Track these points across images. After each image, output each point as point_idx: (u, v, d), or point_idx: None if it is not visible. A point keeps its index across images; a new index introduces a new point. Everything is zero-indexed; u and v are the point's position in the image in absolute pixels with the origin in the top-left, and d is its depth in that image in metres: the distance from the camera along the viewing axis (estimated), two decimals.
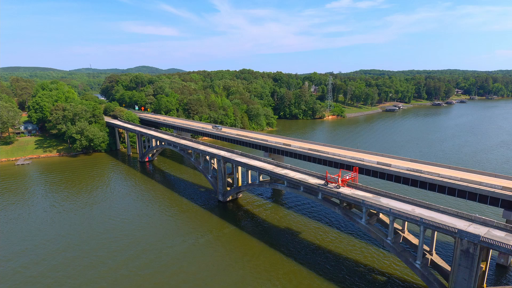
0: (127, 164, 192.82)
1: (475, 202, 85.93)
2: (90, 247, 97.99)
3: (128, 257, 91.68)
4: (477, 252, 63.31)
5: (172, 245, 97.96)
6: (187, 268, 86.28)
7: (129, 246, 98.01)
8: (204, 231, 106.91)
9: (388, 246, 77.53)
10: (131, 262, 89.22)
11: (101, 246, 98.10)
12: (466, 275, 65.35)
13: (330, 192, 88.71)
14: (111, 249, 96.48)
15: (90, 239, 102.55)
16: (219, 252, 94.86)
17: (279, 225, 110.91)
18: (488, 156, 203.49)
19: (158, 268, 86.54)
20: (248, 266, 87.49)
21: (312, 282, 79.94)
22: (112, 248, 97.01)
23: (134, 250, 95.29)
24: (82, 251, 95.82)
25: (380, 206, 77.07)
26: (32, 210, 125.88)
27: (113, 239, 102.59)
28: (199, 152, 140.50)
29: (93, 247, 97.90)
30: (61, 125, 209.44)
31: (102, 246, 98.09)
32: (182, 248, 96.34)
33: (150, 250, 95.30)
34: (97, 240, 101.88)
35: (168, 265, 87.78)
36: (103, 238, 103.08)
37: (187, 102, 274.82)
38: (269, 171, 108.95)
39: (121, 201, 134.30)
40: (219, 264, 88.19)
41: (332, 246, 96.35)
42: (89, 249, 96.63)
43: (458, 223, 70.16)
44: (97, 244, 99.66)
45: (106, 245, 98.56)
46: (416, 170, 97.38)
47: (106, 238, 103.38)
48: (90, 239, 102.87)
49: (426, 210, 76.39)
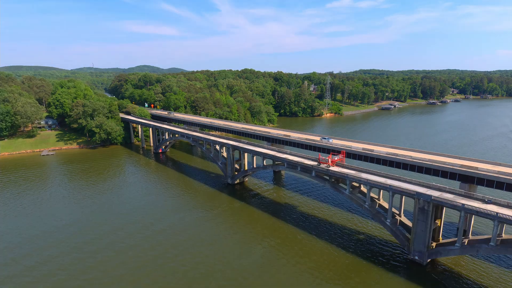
0: (142, 155, 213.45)
1: (438, 177, 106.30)
2: (115, 219, 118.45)
3: (148, 224, 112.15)
4: (430, 208, 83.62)
5: (188, 215, 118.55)
6: (201, 232, 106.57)
7: (149, 216, 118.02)
8: (216, 205, 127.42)
9: (366, 210, 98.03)
10: (152, 227, 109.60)
11: (125, 217, 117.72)
12: (423, 228, 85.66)
13: (322, 170, 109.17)
14: (134, 219, 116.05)
15: (115, 214, 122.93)
16: (229, 219, 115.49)
17: (280, 201, 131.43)
18: (472, 148, 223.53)
19: (177, 231, 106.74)
20: (254, 228, 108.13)
21: (304, 238, 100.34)
22: (134, 218, 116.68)
23: (154, 219, 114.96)
24: (108, 221, 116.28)
25: (359, 179, 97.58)
26: (59, 194, 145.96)
27: (135, 213, 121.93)
28: (210, 142, 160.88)
29: (117, 217, 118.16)
30: (81, 119, 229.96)
31: (125, 217, 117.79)
32: (198, 217, 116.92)
33: (169, 218, 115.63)
34: (120, 215, 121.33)
35: (185, 229, 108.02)
36: (126, 212, 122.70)
37: (194, 100, 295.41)
38: (272, 155, 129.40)
39: (140, 185, 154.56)
40: (230, 228, 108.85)
41: (323, 215, 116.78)
42: (115, 222, 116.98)
43: (419, 189, 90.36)
44: (121, 216, 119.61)
45: (129, 217, 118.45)
46: (393, 154, 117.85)
47: (127, 212, 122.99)
48: (115, 214, 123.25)
49: (396, 181, 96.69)
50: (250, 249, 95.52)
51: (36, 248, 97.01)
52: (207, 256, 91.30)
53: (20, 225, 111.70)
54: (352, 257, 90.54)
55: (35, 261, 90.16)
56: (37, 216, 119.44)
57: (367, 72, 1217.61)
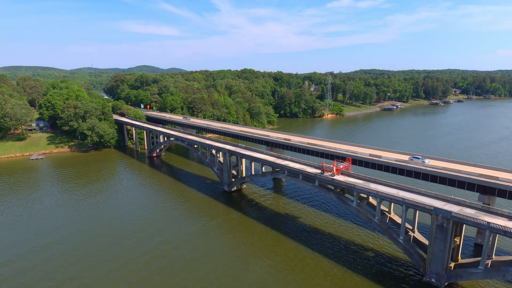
0: (136, 159, 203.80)
1: (454, 187, 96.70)
2: (104, 232, 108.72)
3: (140, 239, 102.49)
4: (450, 226, 74.04)
5: (182, 228, 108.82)
6: (196, 248, 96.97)
7: (140, 229, 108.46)
8: (211, 217, 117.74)
9: (375, 225, 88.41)
10: (144, 243, 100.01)
11: (115, 230, 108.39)
12: (442, 247, 76.08)
13: (326, 179, 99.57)
14: (125, 232, 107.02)
15: (104, 225, 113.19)
16: (226, 233, 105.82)
17: (280, 211, 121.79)
18: (479, 152, 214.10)
19: (170, 248, 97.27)
20: (252, 245, 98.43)
21: (307, 255, 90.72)
22: (125, 232, 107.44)
23: (141, 235, 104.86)
24: (96, 235, 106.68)
25: (369, 190, 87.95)
26: (48, 200, 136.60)
27: (126, 225, 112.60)
28: (206, 146, 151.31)
29: (107, 232, 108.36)
30: (73, 122, 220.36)
31: (115, 230, 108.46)
32: (192, 230, 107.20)
33: (161, 232, 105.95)
34: (110, 226, 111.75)
35: (177, 246, 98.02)
36: (117, 224, 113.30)
37: (191, 101, 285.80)
38: (271, 162, 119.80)
39: (132, 192, 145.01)
40: (226, 244, 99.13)
41: (327, 228, 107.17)
42: (103, 234, 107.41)
43: (436, 203, 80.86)
44: (110, 229, 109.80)
45: (120, 229, 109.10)
46: (403, 161, 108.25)
47: (119, 223, 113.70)
48: (104, 225, 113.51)
49: (409, 193, 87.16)
50: (247, 270, 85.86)
51: (12, 272, 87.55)
52: (198, 280, 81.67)
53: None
54: (360, 278, 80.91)
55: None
56: (16, 230, 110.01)
57: (367, 72, 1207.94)
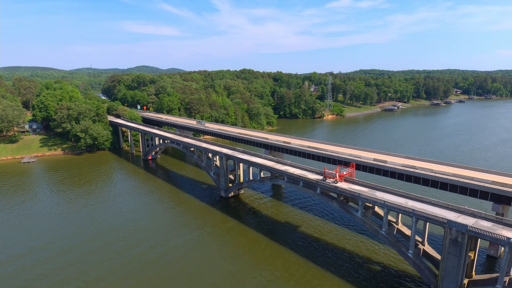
0: (130, 162, 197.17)
1: (466, 196, 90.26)
2: (95, 236, 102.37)
3: (131, 245, 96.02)
4: (465, 241, 67.62)
5: (176, 236, 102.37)
6: (190, 256, 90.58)
7: (132, 236, 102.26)
8: (207, 225, 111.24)
9: (382, 237, 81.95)
10: (133, 250, 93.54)
11: (108, 238, 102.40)
12: (455, 263, 69.65)
13: (328, 186, 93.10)
14: (117, 239, 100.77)
15: (97, 231, 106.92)
16: (222, 244, 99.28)
17: (279, 219, 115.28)
18: (485, 155, 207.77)
19: (164, 257, 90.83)
20: (249, 256, 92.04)
21: (308, 270, 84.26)
22: (118, 239, 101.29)
23: (137, 240, 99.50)
24: (87, 241, 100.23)
25: (375, 199, 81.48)
26: (38, 208, 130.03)
27: (119, 232, 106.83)
28: (202, 149, 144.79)
29: (100, 238, 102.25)
30: (66, 123, 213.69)
31: (109, 238, 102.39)
32: (186, 240, 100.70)
33: (155, 240, 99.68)
34: (103, 233, 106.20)
35: (172, 253, 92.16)
36: (110, 231, 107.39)
37: (188, 102, 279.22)
38: (270, 167, 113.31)
39: (125, 198, 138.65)
40: (222, 254, 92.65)
41: (330, 238, 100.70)
42: (95, 240, 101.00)
43: (448, 214, 74.43)
44: (104, 236, 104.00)
45: (113, 236, 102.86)
46: (411, 166, 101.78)
47: (112, 230, 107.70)
48: (97, 231, 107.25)
49: (418, 203, 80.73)
50: (244, 285, 79.40)
51: None
52: None
53: None
54: None
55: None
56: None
57: (367, 72, 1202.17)
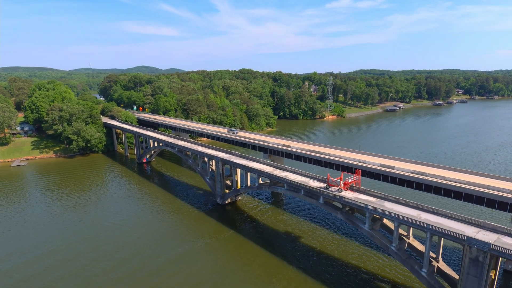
0: (124, 166, 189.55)
1: (483, 206, 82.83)
2: (83, 249, 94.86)
3: (121, 260, 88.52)
4: (487, 260, 60.26)
5: (168, 249, 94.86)
6: (182, 272, 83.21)
7: (123, 248, 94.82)
8: (201, 235, 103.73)
9: (392, 253, 74.50)
10: (124, 265, 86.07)
11: (95, 249, 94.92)
12: (475, 285, 62.27)
13: (332, 196, 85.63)
14: (105, 252, 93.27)
15: (84, 241, 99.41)
16: (216, 257, 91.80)
17: (279, 229, 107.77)
18: (491, 158, 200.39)
19: (153, 271, 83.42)
20: (246, 271, 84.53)
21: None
22: (105, 251, 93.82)
23: (128, 253, 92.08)
24: (75, 253, 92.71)
25: (385, 212, 73.98)
26: (27, 213, 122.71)
27: (107, 242, 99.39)
28: (197, 153, 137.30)
29: (87, 249, 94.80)
30: (57, 125, 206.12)
31: (95, 249, 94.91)
32: (179, 252, 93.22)
33: (145, 253, 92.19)
34: (91, 243, 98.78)
35: (163, 269, 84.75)
36: (97, 241, 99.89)
37: (185, 102, 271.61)
38: (269, 173, 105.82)
39: (116, 204, 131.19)
40: (216, 269, 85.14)
41: (334, 252, 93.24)
42: (83, 251, 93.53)
43: (467, 229, 67.07)
44: (91, 246, 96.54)
45: (100, 248, 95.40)
46: (421, 173, 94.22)
47: (100, 240, 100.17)
48: (84, 241, 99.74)
49: (432, 216, 73.30)
50: None
51: None
52: None
53: None
54: None
55: None
56: None
57: (367, 72, 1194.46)
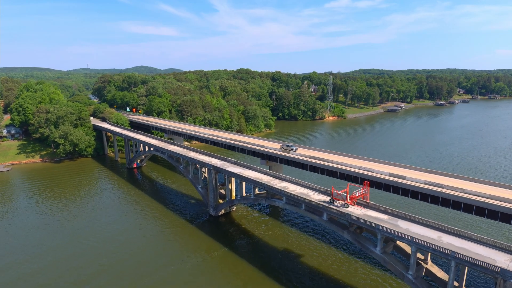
0: (113, 171, 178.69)
1: (510, 224, 72.46)
2: (55, 271, 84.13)
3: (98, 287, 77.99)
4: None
5: (152, 270, 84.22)
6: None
7: (100, 274, 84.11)
8: (192, 253, 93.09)
9: (409, 282, 63.96)
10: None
11: (69, 272, 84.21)
12: None
13: (338, 212, 75.07)
14: (80, 276, 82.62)
15: (55, 262, 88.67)
16: (206, 281, 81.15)
17: (277, 245, 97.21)
18: (501, 162, 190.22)
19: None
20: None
21: None
22: (81, 276, 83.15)
23: (105, 278, 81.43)
24: (49, 276, 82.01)
25: (400, 234, 63.38)
26: (10, 222, 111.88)
27: (83, 270, 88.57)
28: (188, 159, 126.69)
29: (58, 272, 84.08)
30: (43, 128, 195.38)
31: (69, 272, 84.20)
32: (164, 274, 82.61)
33: (127, 279, 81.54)
34: (64, 263, 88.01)
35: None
36: (72, 261, 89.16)
37: (180, 103, 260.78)
38: (266, 184, 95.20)
39: (101, 213, 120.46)
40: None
41: (338, 273, 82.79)
42: (54, 276, 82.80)
43: (498, 256, 56.68)
44: (64, 267, 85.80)
45: (75, 270, 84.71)
46: (436, 184, 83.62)
47: (76, 268, 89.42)
48: (55, 261, 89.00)
49: (455, 238, 62.82)
50: None
51: None
52: None
53: None
54: None
55: None
56: None
57: (367, 72, 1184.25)
